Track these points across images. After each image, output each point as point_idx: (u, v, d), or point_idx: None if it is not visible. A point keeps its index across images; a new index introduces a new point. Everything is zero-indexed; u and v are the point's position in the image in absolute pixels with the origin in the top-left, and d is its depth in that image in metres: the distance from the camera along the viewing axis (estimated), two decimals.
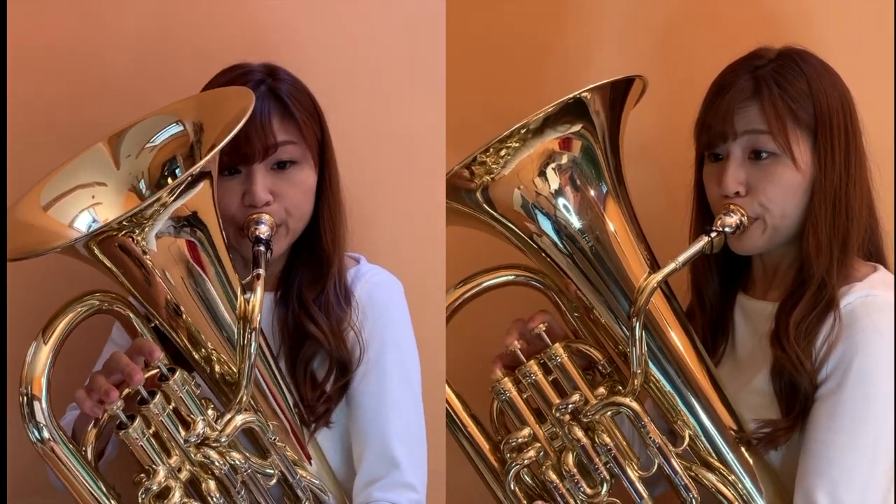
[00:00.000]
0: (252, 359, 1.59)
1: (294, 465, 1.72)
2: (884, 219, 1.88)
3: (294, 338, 1.79)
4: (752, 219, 1.79)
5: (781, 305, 1.81)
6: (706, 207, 1.87)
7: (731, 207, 1.78)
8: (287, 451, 1.72)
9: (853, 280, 1.78)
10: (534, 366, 1.80)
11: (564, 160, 1.77)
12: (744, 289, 1.92)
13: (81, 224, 1.67)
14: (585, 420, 1.78)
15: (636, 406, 1.76)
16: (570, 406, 1.78)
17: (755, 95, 1.78)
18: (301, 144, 1.76)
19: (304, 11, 1.96)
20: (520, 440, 1.80)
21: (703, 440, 1.80)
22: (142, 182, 1.72)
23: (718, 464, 1.80)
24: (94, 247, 1.56)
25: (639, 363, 1.73)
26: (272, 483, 1.70)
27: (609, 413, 1.78)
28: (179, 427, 1.63)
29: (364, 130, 1.88)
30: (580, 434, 1.78)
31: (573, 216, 1.78)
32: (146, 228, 1.56)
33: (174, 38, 1.93)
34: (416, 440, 1.82)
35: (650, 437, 1.77)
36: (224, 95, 1.73)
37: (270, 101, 1.73)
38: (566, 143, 1.77)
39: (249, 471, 1.66)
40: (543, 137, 1.75)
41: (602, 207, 1.79)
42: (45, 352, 1.59)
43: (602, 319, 1.82)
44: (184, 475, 1.64)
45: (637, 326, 1.71)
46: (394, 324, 1.83)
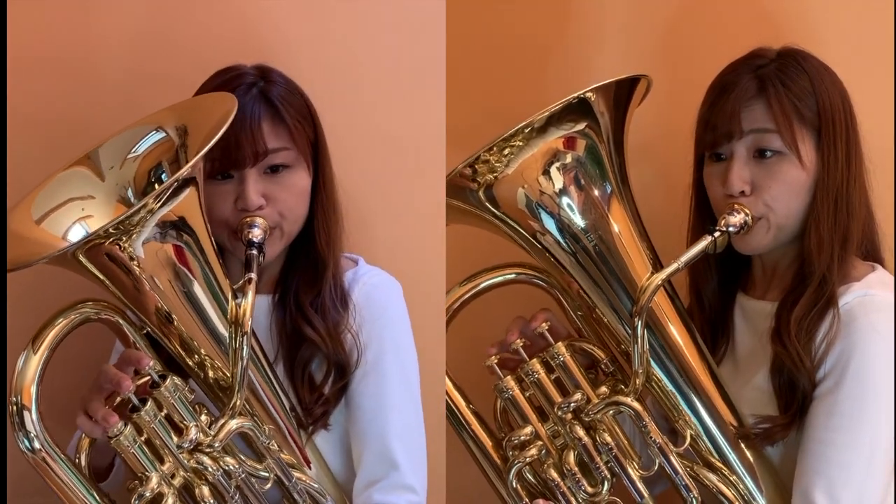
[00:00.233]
0: (244, 363, 1.59)
1: (290, 469, 1.72)
2: (882, 219, 1.88)
3: (291, 341, 1.78)
4: (757, 218, 1.79)
5: (782, 303, 1.81)
6: (706, 208, 1.87)
7: (736, 207, 1.78)
8: (283, 455, 1.72)
9: (851, 279, 1.79)
10: (536, 364, 1.80)
11: (568, 159, 1.78)
12: (743, 289, 1.92)
13: (74, 236, 1.67)
14: (587, 419, 1.79)
15: (637, 405, 1.77)
16: (573, 405, 1.79)
17: (760, 94, 1.78)
18: (293, 148, 1.75)
19: (304, 12, 1.95)
20: (522, 438, 1.81)
21: (705, 440, 1.81)
22: (129, 191, 1.72)
23: (720, 464, 1.80)
24: (82, 256, 1.56)
25: (640, 362, 1.73)
26: (268, 487, 1.70)
27: (611, 412, 1.78)
28: (172, 433, 1.63)
29: (364, 131, 1.88)
30: (582, 433, 1.78)
31: (577, 215, 1.79)
32: (133, 235, 1.56)
33: (169, 41, 1.93)
34: (416, 441, 1.81)
35: (651, 437, 1.77)
36: (205, 101, 1.73)
37: (261, 105, 1.72)
38: (570, 142, 1.77)
39: (243, 475, 1.67)
40: (547, 136, 1.76)
41: (606, 207, 1.80)
42: (35, 361, 1.59)
43: (605, 318, 1.82)
44: (177, 481, 1.64)
45: (639, 325, 1.72)
46: (392, 325, 1.82)
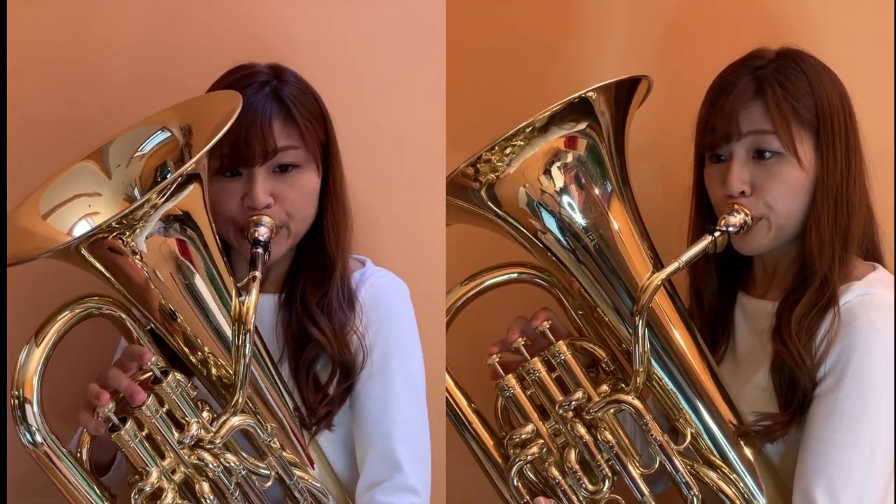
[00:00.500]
0: (247, 360, 1.59)
1: (292, 467, 1.72)
2: (882, 219, 1.89)
3: (297, 340, 1.78)
4: (757, 218, 1.79)
5: (783, 302, 1.81)
6: (706, 208, 1.87)
7: (736, 207, 1.79)
8: (285, 454, 1.72)
9: (852, 279, 1.79)
10: (537, 363, 1.81)
11: (569, 159, 1.78)
12: (744, 288, 1.92)
13: (79, 232, 1.67)
14: (588, 417, 1.79)
15: (638, 403, 1.77)
16: (574, 403, 1.80)
17: (758, 95, 1.79)
18: (303, 148, 1.75)
19: (304, 12, 1.96)
20: (523, 436, 1.81)
21: (706, 438, 1.81)
22: (136, 190, 1.72)
23: (720, 462, 1.81)
24: (85, 251, 1.57)
25: (641, 361, 1.74)
26: (268, 485, 1.70)
27: (612, 410, 1.79)
28: (173, 429, 1.64)
29: (364, 130, 1.88)
30: (583, 431, 1.79)
31: (578, 214, 1.79)
32: (137, 230, 1.56)
33: (172, 41, 1.93)
34: (420, 444, 1.81)
35: (652, 435, 1.78)
36: (209, 100, 1.73)
37: (273, 104, 1.73)
38: (571, 142, 1.78)
39: (244, 472, 1.67)
40: (549, 136, 1.76)
41: (606, 206, 1.80)
42: (38, 354, 1.59)
43: (605, 317, 1.83)
44: (178, 477, 1.64)
45: (640, 325, 1.72)
46: (399, 326, 1.82)
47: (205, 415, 1.65)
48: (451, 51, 1.98)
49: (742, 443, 1.82)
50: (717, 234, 1.77)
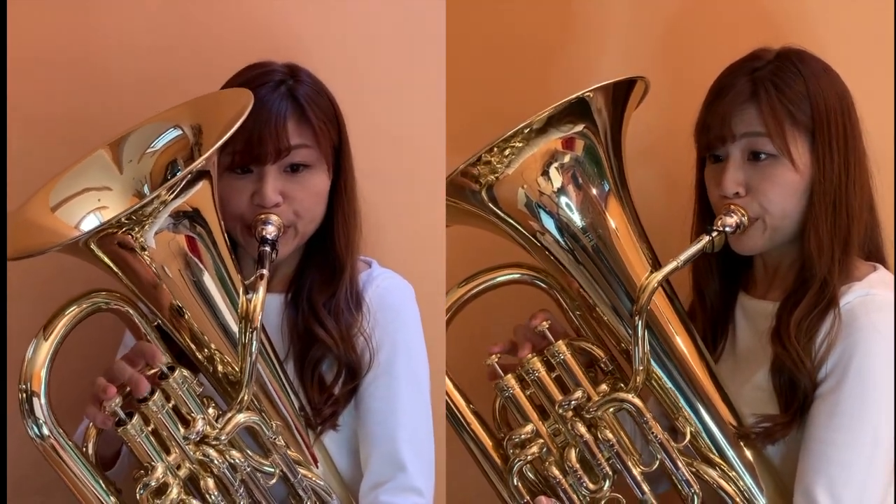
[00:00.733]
0: (253, 358, 1.59)
1: (296, 465, 1.73)
2: (884, 219, 1.89)
3: (303, 340, 1.78)
4: (753, 219, 1.80)
5: (783, 304, 1.82)
6: (708, 207, 1.88)
7: (732, 207, 1.80)
8: (289, 451, 1.72)
9: (853, 279, 1.80)
10: (537, 363, 1.81)
11: (567, 159, 1.79)
12: (745, 288, 1.93)
13: (87, 226, 1.67)
14: (588, 416, 1.80)
15: (638, 402, 1.78)
16: (573, 402, 1.80)
17: (753, 98, 1.79)
18: (315, 149, 1.75)
19: (304, 12, 1.96)
20: (523, 436, 1.82)
21: (705, 437, 1.82)
22: (145, 186, 1.72)
23: (719, 460, 1.81)
24: (94, 245, 1.57)
25: (641, 361, 1.75)
26: (272, 482, 1.70)
27: (611, 409, 1.79)
28: (179, 425, 1.64)
29: (364, 131, 1.88)
30: (583, 430, 1.79)
31: (576, 215, 1.80)
32: (146, 226, 1.56)
33: (175, 41, 1.94)
34: (424, 445, 1.81)
35: (652, 433, 1.78)
36: (222, 97, 1.74)
37: (288, 103, 1.73)
38: (569, 143, 1.78)
39: (249, 469, 1.67)
40: (547, 137, 1.77)
41: (604, 206, 1.81)
42: (45, 348, 1.59)
43: (604, 317, 1.83)
44: (183, 472, 1.65)
45: (639, 325, 1.73)
46: (405, 328, 1.83)
47: (210, 411, 1.65)
48: (451, 51, 1.99)
49: (742, 443, 1.82)
50: (715, 235, 1.78)
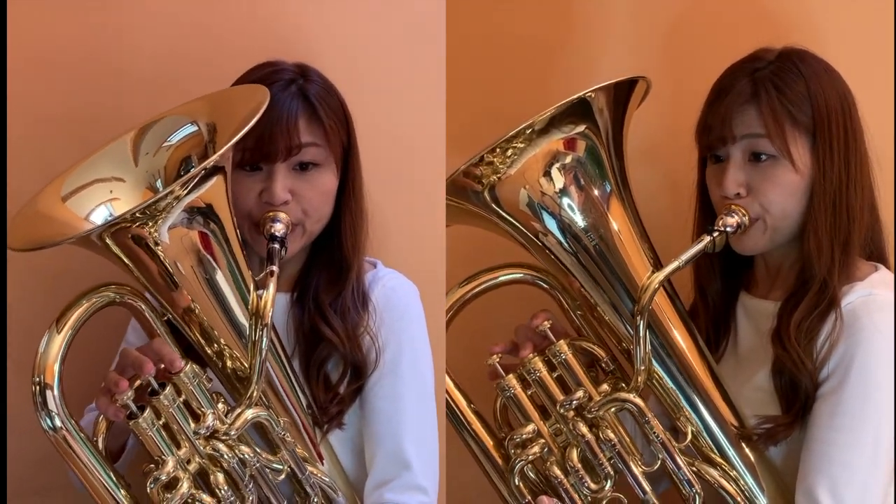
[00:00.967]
0: (263, 355, 1.59)
1: (304, 462, 1.72)
2: (885, 219, 1.90)
3: (309, 340, 1.78)
4: (753, 219, 1.81)
5: (783, 305, 1.82)
6: (709, 207, 1.88)
7: (733, 208, 1.80)
8: (297, 448, 1.72)
9: (854, 279, 1.80)
10: (538, 363, 1.82)
11: (569, 160, 1.79)
12: (746, 288, 1.94)
13: (97, 218, 1.67)
14: (589, 416, 1.80)
15: (640, 402, 1.78)
16: (575, 402, 1.80)
17: (753, 98, 1.80)
18: (325, 148, 1.76)
19: (303, 12, 1.96)
20: (524, 436, 1.82)
21: (706, 436, 1.82)
22: (159, 180, 1.72)
23: (720, 460, 1.82)
24: (108, 238, 1.57)
25: (642, 361, 1.75)
26: (281, 478, 1.70)
27: (613, 409, 1.80)
28: (189, 419, 1.63)
29: (364, 130, 1.88)
30: (584, 430, 1.80)
31: (577, 215, 1.80)
32: (159, 221, 1.56)
33: (183, 42, 1.94)
34: (429, 443, 1.82)
35: (654, 433, 1.78)
36: (237, 94, 1.74)
37: (299, 102, 1.73)
38: (570, 144, 1.79)
39: (258, 465, 1.67)
40: (549, 137, 1.77)
41: (606, 206, 1.81)
42: (59, 340, 1.59)
43: (606, 317, 1.84)
44: (192, 467, 1.64)
45: (641, 325, 1.73)
46: (410, 328, 1.83)
47: (220, 406, 1.65)
48: (451, 51, 1.99)
49: (743, 443, 1.83)
50: (716, 235, 1.79)
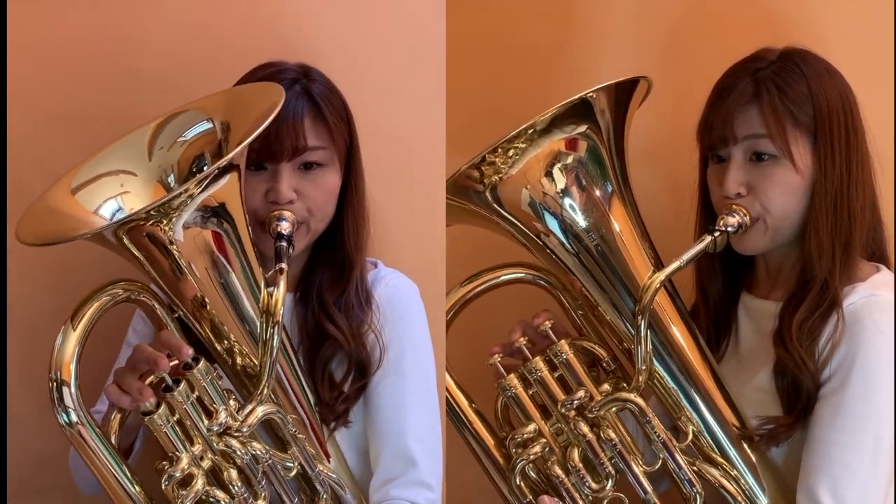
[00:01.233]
0: (275, 353, 1.60)
1: (313, 459, 1.73)
2: (886, 220, 1.90)
3: (313, 338, 1.80)
4: (754, 219, 1.81)
5: (784, 306, 1.83)
6: (710, 207, 1.88)
7: (734, 207, 1.81)
8: (307, 445, 1.72)
9: (856, 280, 1.81)
10: (539, 362, 1.82)
11: (570, 160, 1.79)
12: (748, 288, 1.94)
13: (106, 211, 1.68)
14: (590, 416, 1.80)
15: (641, 401, 1.78)
16: (576, 402, 1.80)
17: (755, 98, 1.80)
18: (330, 148, 1.77)
19: (303, 12, 1.96)
20: (525, 436, 1.82)
21: (706, 436, 1.83)
22: (171, 175, 1.73)
23: (721, 459, 1.82)
24: (123, 235, 1.57)
25: (643, 360, 1.75)
26: (291, 475, 1.71)
27: (614, 409, 1.80)
28: (202, 415, 1.63)
29: (364, 130, 1.88)
30: (585, 429, 1.80)
31: (579, 215, 1.80)
32: (173, 219, 1.56)
33: (185, 42, 1.94)
34: (433, 440, 1.83)
35: (655, 433, 1.79)
36: (254, 91, 1.74)
37: (304, 102, 1.74)
38: (572, 144, 1.79)
39: (270, 461, 1.67)
40: (550, 137, 1.77)
41: (607, 207, 1.81)
42: (75, 338, 1.59)
43: (607, 316, 1.84)
44: (206, 464, 1.64)
45: (642, 325, 1.74)
46: (413, 326, 1.84)
47: (231, 403, 1.65)
48: (451, 51, 1.99)
49: (744, 443, 1.83)
50: (716, 234, 1.79)
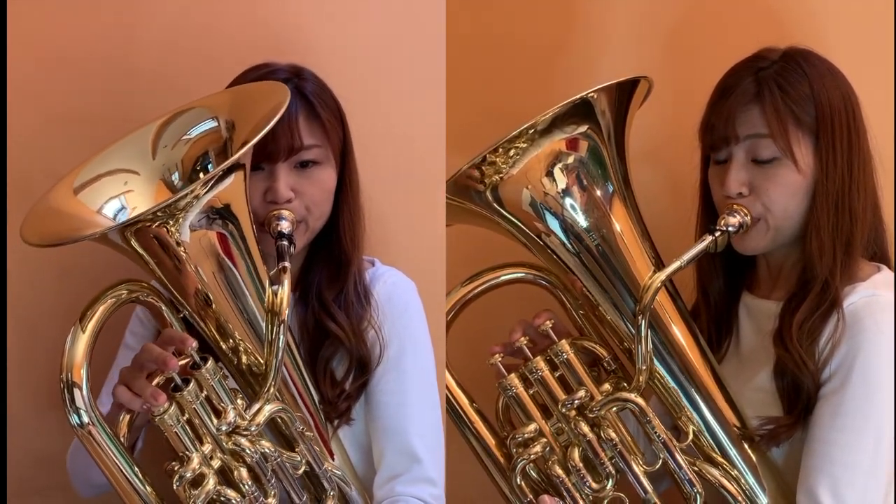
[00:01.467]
0: (281, 352, 1.61)
1: (320, 457, 1.73)
2: (887, 220, 1.90)
3: (314, 337, 1.81)
4: (755, 219, 1.81)
5: (785, 306, 1.83)
6: (711, 207, 1.89)
7: (735, 207, 1.81)
8: (313, 443, 1.73)
9: (856, 280, 1.81)
10: (540, 362, 1.82)
11: (571, 160, 1.79)
12: (748, 288, 1.94)
13: (109, 211, 1.68)
14: (591, 416, 1.80)
15: (641, 401, 1.78)
16: (576, 402, 1.80)
17: (757, 98, 1.80)
18: (325, 146, 1.78)
19: (303, 12, 1.96)
20: (526, 435, 1.82)
21: (707, 436, 1.83)
22: (174, 174, 1.73)
23: (721, 459, 1.82)
24: (130, 236, 1.57)
25: (644, 360, 1.76)
26: (299, 473, 1.71)
27: (614, 408, 1.80)
28: (212, 415, 1.64)
29: (364, 130, 1.89)
30: (586, 429, 1.80)
31: (580, 215, 1.81)
32: (179, 219, 1.57)
33: (182, 42, 1.94)
34: (435, 436, 1.84)
35: (655, 433, 1.79)
36: (258, 90, 1.75)
37: (297, 101, 1.75)
38: (573, 144, 1.79)
39: (279, 459, 1.67)
40: (551, 137, 1.77)
41: (608, 207, 1.81)
42: (84, 339, 1.59)
43: (607, 316, 1.84)
44: (216, 463, 1.64)
45: (643, 324, 1.74)
46: (412, 323, 1.85)
47: (239, 402, 1.66)
48: (451, 51, 1.99)
49: (744, 443, 1.84)
50: (717, 234, 1.80)
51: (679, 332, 1.84)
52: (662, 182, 2.14)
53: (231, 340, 1.68)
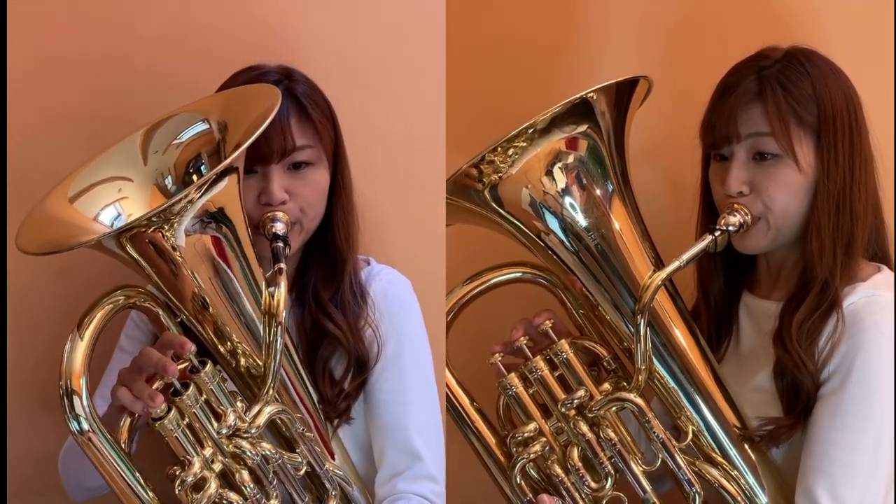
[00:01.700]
0: (279, 354, 1.61)
1: (321, 457, 1.74)
2: (887, 220, 1.90)
3: (311, 337, 1.81)
4: (756, 218, 1.81)
5: (785, 306, 1.83)
6: (712, 206, 1.88)
7: (735, 206, 1.81)
8: (313, 444, 1.73)
9: (856, 280, 1.81)
10: (540, 362, 1.82)
11: (571, 160, 1.79)
12: (749, 288, 1.94)
13: (106, 218, 1.68)
14: (590, 415, 1.80)
15: (640, 401, 1.78)
16: (576, 401, 1.80)
17: (759, 97, 1.80)
18: (317, 146, 1.78)
19: (304, 12, 1.96)
20: (526, 435, 1.82)
21: (707, 436, 1.83)
22: (167, 178, 1.73)
23: (721, 459, 1.82)
24: (126, 242, 1.57)
25: (643, 360, 1.75)
26: (301, 474, 1.71)
27: (614, 408, 1.80)
28: (212, 418, 1.64)
29: (364, 130, 1.89)
30: (585, 429, 1.80)
31: (579, 215, 1.80)
32: (175, 224, 1.57)
33: (179, 42, 1.94)
34: (435, 433, 1.85)
35: (654, 432, 1.79)
36: (250, 93, 1.75)
37: (288, 102, 1.75)
38: (572, 143, 1.79)
39: (280, 461, 1.68)
40: (550, 137, 1.77)
41: (608, 206, 1.81)
42: (82, 347, 1.59)
43: (607, 316, 1.84)
44: (217, 466, 1.65)
45: (642, 324, 1.74)
46: (409, 321, 1.86)
47: (238, 405, 1.66)
48: (451, 51, 1.99)
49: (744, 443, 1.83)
50: (718, 234, 1.79)
51: (679, 332, 1.83)
52: (662, 182, 2.14)
53: (229, 343, 1.68)
